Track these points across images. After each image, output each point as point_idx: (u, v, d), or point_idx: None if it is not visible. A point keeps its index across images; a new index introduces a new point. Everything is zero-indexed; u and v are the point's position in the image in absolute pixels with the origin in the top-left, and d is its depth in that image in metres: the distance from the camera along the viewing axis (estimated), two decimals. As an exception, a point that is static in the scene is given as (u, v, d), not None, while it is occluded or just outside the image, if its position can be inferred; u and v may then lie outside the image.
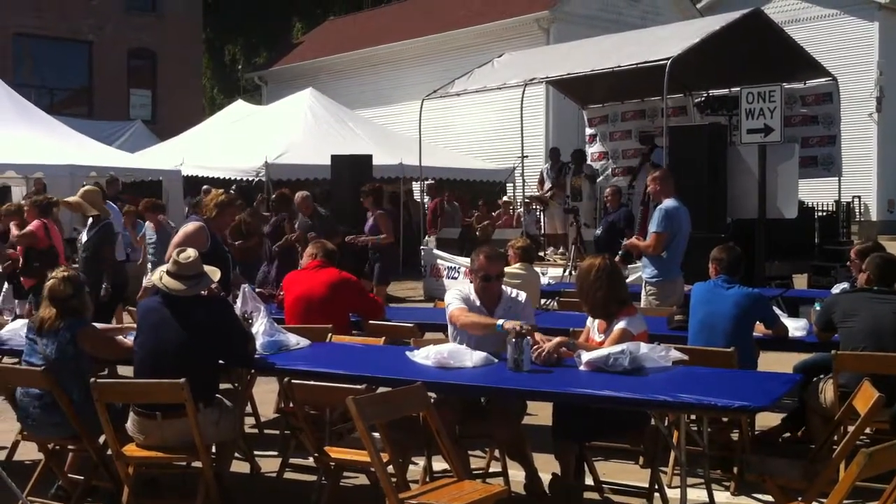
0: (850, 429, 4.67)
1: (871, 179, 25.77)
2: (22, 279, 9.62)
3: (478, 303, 5.45)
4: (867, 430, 5.29)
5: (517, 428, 5.18)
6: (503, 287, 5.56)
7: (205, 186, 14.94)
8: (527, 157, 16.27)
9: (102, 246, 8.85)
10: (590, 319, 5.47)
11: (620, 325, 5.15)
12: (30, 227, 9.58)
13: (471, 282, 5.59)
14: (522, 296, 5.56)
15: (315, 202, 12.02)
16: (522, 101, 15.81)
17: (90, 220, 9.04)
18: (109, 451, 4.89)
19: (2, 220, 10.59)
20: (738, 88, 11.53)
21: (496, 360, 5.04)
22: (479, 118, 22.50)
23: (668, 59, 11.38)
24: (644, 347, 4.88)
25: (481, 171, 20.23)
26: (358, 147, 16.81)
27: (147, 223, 11.53)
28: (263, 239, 11.41)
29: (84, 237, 9.22)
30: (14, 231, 10.02)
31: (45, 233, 9.57)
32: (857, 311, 5.60)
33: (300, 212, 11.38)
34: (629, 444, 5.46)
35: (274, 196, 12.33)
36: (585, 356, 4.88)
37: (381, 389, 4.67)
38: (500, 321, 5.10)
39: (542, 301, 8.89)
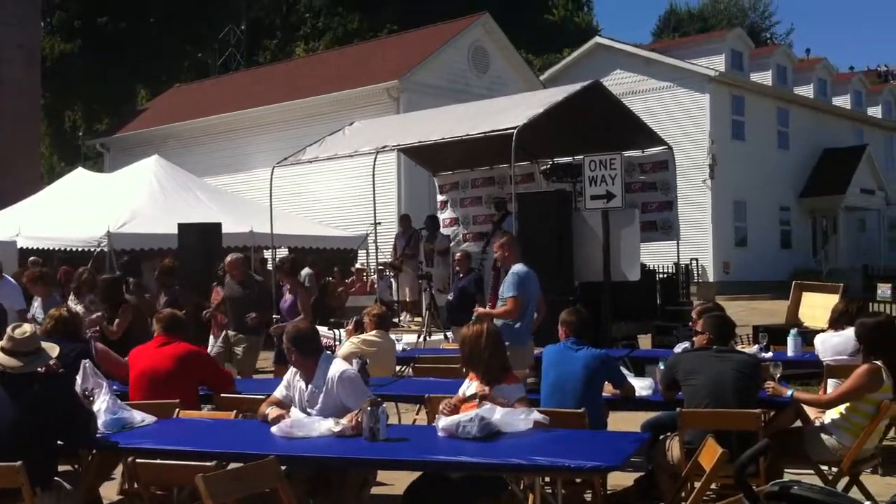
0: (697, 485, 4.81)
1: (707, 242, 27.18)
2: None
3: (297, 378, 5.51)
4: (713, 486, 5.45)
5: (359, 501, 5.09)
6: (324, 366, 5.44)
7: (31, 258, 14.18)
8: (380, 223, 16.32)
9: None
10: (465, 384, 5.48)
11: (523, 394, 5.34)
12: None
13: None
14: (347, 375, 5.40)
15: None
16: (374, 168, 15.91)
17: None
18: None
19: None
20: (582, 156, 11.89)
21: (343, 427, 4.95)
22: (331, 185, 22.49)
23: (514, 128, 11.61)
24: (502, 412, 4.91)
25: (335, 239, 20.13)
26: (206, 215, 16.42)
27: (35, 297, 10.48)
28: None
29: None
30: None
31: None
32: (698, 369, 5.82)
33: (231, 277, 10.59)
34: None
35: (164, 267, 11.54)
36: (442, 422, 4.87)
37: (232, 465, 4.51)
38: (338, 427, 4.95)
39: (398, 368, 8.85)
